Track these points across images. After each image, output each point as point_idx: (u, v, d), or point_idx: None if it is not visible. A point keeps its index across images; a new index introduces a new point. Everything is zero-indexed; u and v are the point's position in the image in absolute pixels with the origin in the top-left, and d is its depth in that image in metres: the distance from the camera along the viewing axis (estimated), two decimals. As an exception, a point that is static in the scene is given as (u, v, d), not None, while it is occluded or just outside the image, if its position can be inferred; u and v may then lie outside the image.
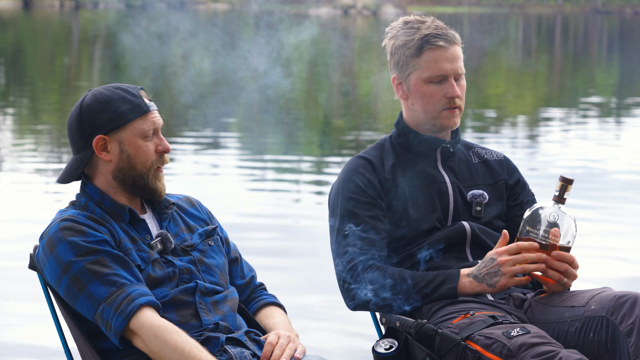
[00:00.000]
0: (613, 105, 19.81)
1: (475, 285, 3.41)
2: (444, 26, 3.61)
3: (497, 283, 3.39)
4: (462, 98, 3.61)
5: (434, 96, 3.57)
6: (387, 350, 3.37)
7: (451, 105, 3.58)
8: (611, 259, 7.76)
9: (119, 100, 3.14)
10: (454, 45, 3.58)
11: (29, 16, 56.24)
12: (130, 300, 2.99)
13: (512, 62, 33.26)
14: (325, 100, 19.82)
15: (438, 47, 3.55)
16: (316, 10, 72.72)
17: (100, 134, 3.13)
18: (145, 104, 3.16)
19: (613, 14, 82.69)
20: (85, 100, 3.16)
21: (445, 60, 3.56)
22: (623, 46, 43.13)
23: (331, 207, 3.60)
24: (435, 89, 3.57)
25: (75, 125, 3.16)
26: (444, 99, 3.57)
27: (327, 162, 12.53)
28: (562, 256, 3.39)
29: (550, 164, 12.13)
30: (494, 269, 3.40)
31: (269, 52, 4.93)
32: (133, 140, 3.15)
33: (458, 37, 3.61)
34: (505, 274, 3.38)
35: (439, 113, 3.59)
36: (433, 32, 3.57)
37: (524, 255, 3.37)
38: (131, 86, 3.19)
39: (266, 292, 3.42)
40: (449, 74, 3.57)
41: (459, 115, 3.62)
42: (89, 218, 3.11)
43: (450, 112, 3.59)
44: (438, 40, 3.55)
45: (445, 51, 3.56)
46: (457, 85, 3.58)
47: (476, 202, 3.61)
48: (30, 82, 22.59)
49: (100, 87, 3.19)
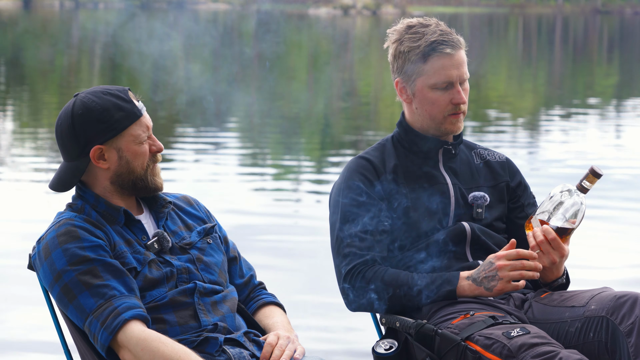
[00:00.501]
0: (613, 105, 19.81)
1: (474, 288, 3.42)
2: (449, 30, 3.59)
3: (494, 287, 3.39)
4: (466, 104, 3.61)
5: (440, 103, 3.57)
6: (387, 350, 3.37)
7: (456, 111, 3.59)
8: (611, 259, 7.77)
9: (112, 109, 3.12)
10: (459, 51, 3.57)
11: (29, 16, 56.24)
12: (117, 314, 2.99)
13: (512, 62, 33.28)
14: (325, 100, 19.82)
15: (445, 55, 3.54)
16: (316, 10, 72.70)
17: (96, 144, 3.12)
18: (137, 109, 3.15)
19: (613, 14, 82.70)
20: (75, 108, 3.12)
21: (451, 67, 3.56)
22: (623, 46, 43.13)
23: (332, 208, 3.60)
24: (441, 96, 3.57)
25: (67, 134, 3.13)
26: (450, 105, 3.57)
27: (327, 162, 12.53)
28: (547, 231, 3.41)
29: (550, 165, 12.12)
30: (491, 272, 3.40)
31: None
32: (130, 146, 3.15)
33: (462, 40, 3.61)
34: (502, 278, 3.38)
35: (444, 119, 3.59)
36: (439, 38, 3.55)
37: (522, 263, 3.37)
38: (119, 89, 3.17)
39: (265, 291, 3.41)
40: (455, 81, 3.57)
41: (463, 120, 3.63)
42: (86, 221, 3.11)
43: (455, 118, 3.59)
44: (445, 48, 3.54)
45: (452, 58, 3.55)
46: (462, 90, 3.58)
47: (477, 204, 3.61)
48: (30, 82, 22.59)
49: (87, 92, 3.15)
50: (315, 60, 31.51)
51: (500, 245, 3.60)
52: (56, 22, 51.27)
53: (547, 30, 57.26)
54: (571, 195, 3.42)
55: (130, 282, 3.06)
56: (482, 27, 56.32)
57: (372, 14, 70.59)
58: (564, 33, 54.48)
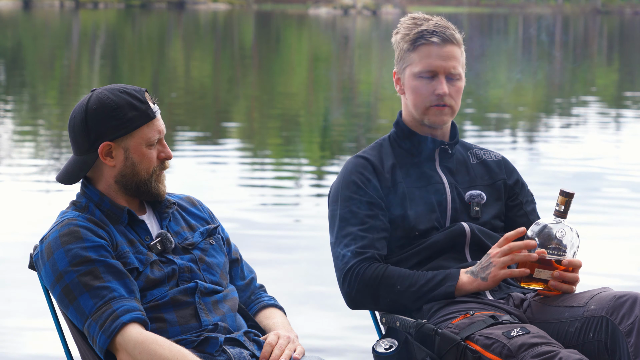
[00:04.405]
0: (613, 105, 19.81)
1: (472, 280, 3.43)
2: (447, 25, 3.59)
3: (489, 275, 3.40)
4: (454, 98, 3.59)
5: (423, 92, 3.57)
6: (387, 350, 3.37)
7: (439, 103, 3.58)
8: (611, 259, 7.77)
9: (126, 107, 3.12)
10: (449, 44, 3.56)
11: (29, 16, 56.25)
12: (115, 317, 2.99)
13: (512, 62, 33.27)
14: (325, 100, 19.82)
15: (431, 43, 3.55)
16: (316, 10, 72.70)
17: (106, 140, 3.13)
18: (151, 110, 3.15)
19: (613, 14, 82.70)
20: (90, 103, 3.14)
21: (437, 57, 3.55)
22: (623, 46, 43.13)
23: (330, 207, 3.60)
24: (426, 85, 3.57)
25: (79, 127, 3.15)
26: (433, 95, 3.57)
27: (327, 162, 12.53)
28: (572, 262, 3.41)
29: (550, 165, 12.13)
30: (486, 262, 3.42)
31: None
32: (138, 147, 3.15)
33: (458, 37, 3.60)
34: (495, 265, 3.39)
35: (427, 109, 3.58)
36: (431, 28, 3.56)
37: (510, 246, 3.39)
38: (136, 89, 3.17)
39: (266, 294, 3.42)
40: (439, 71, 3.56)
41: (449, 115, 3.60)
42: (89, 220, 3.11)
43: (438, 110, 3.58)
44: (432, 37, 3.55)
45: (439, 48, 3.55)
46: (450, 86, 3.57)
47: (474, 203, 3.61)
48: (30, 82, 22.59)
49: (104, 89, 3.16)
50: (315, 60, 31.50)
51: (500, 245, 3.60)
52: (56, 22, 51.27)
53: (547, 30, 57.27)
54: (555, 226, 3.41)
55: (131, 284, 3.06)
56: (482, 27, 56.33)
57: (372, 14, 70.59)
58: (564, 33, 54.48)
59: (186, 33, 45.70)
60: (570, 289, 3.43)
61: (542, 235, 3.40)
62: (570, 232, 3.40)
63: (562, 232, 3.40)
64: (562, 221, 3.40)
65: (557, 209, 3.40)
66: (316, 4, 74.71)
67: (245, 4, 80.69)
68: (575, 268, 3.42)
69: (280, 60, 31.35)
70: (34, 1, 67.83)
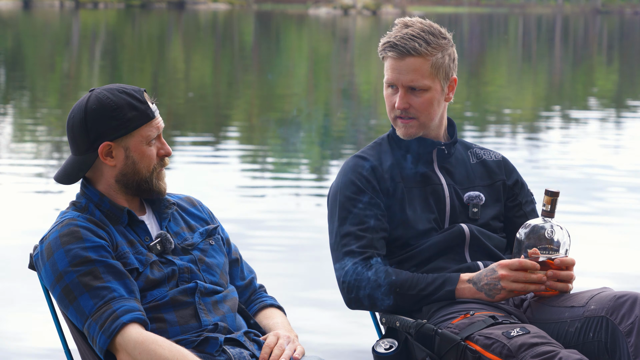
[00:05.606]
0: (613, 105, 19.81)
1: (475, 292, 3.42)
2: (417, 35, 3.53)
3: (497, 295, 3.39)
4: (420, 111, 3.54)
5: (388, 102, 3.60)
6: (387, 350, 3.37)
7: (402, 115, 3.57)
8: (611, 259, 7.77)
9: (125, 107, 3.12)
10: (408, 57, 3.52)
11: (29, 16, 56.25)
12: (115, 317, 3.00)
13: (512, 62, 33.28)
14: (325, 100, 19.82)
15: (389, 57, 3.55)
16: (316, 10, 72.70)
17: (106, 141, 3.13)
18: (150, 110, 3.15)
19: (613, 14, 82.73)
20: (89, 103, 3.13)
21: (395, 71, 3.54)
22: (623, 46, 43.13)
23: (330, 207, 3.60)
24: (390, 96, 3.59)
25: (78, 128, 3.14)
26: (394, 107, 3.58)
27: (327, 162, 12.53)
28: (565, 261, 3.40)
29: (549, 165, 12.13)
30: (494, 281, 3.40)
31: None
32: (139, 146, 3.15)
33: (423, 49, 3.51)
34: (505, 288, 3.38)
35: (394, 120, 3.60)
36: (393, 40, 3.54)
37: (525, 275, 3.37)
38: (135, 89, 3.17)
39: (266, 294, 3.42)
40: (398, 84, 3.56)
41: (416, 127, 3.57)
42: (89, 221, 3.11)
43: (402, 122, 3.58)
44: (391, 50, 3.54)
45: (396, 62, 3.54)
46: (413, 97, 3.54)
47: (472, 204, 3.61)
48: (30, 82, 22.59)
49: (103, 89, 3.16)
50: (315, 59, 31.51)
51: (499, 246, 3.60)
52: (56, 22, 51.28)
53: (547, 30, 57.26)
54: (557, 231, 3.41)
55: (131, 284, 3.06)
56: (482, 27, 56.31)
57: (372, 14, 70.59)
58: (564, 33, 54.48)
59: (186, 33, 45.69)
60: (565, 287, 3.42)
61: (533, 236, 3.40)
62: (560, 230, 3.40)
63: (551, 231, 3.40)
64: (550, 220, 3.40)
65: (544, 209, 3.40)
66: (316, 4, 74.71)
67: (245, 4, 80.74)
68: (569, 266, 3.42)
69: (280, 60, 31.33)
70: (34, 1, 67.83)
